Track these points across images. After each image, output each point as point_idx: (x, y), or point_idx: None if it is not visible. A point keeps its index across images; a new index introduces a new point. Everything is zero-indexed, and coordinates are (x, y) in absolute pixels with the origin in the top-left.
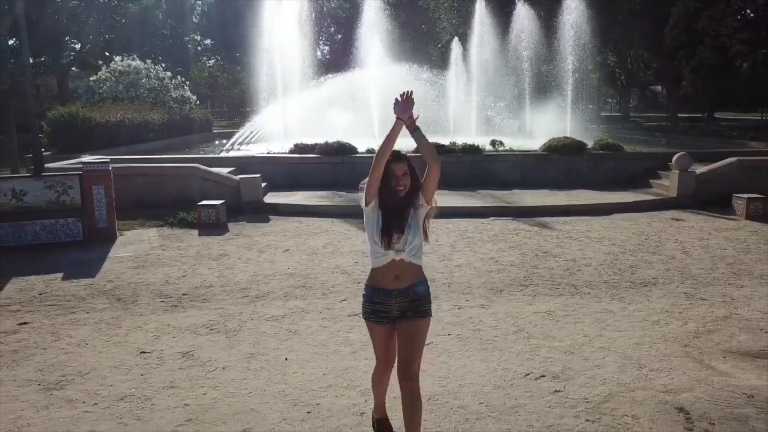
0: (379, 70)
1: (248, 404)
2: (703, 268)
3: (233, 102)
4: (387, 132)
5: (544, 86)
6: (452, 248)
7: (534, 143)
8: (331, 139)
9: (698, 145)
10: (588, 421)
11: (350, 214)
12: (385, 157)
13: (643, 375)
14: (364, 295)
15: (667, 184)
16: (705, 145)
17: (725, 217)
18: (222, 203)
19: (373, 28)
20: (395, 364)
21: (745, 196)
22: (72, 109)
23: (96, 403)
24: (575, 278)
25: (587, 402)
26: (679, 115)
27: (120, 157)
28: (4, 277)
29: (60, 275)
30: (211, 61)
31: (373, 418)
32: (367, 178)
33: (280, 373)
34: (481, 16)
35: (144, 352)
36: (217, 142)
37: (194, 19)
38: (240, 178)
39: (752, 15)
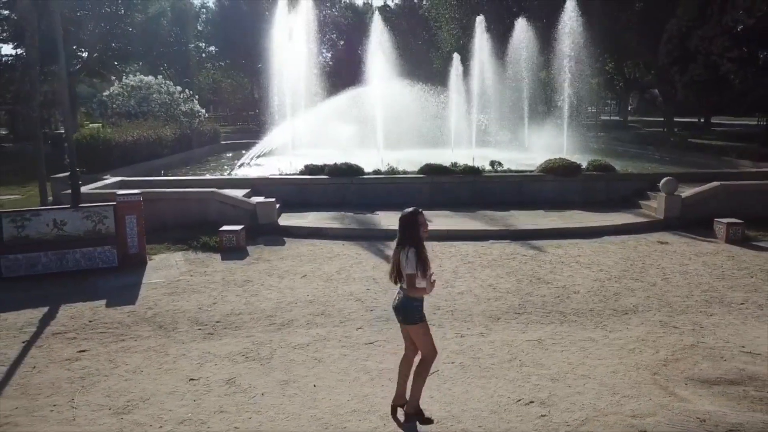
0: (382, 86)
1: (287, 427)
2: (679, 296)
3: (236, 106)
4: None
5: (542, 98)
6: (454, 274)
7: (532, 156)
8: (339, 160)
9: (688, 161)
10: None
11: (358, 236)
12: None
13: (615, 401)
14: (417, 307)
15: (655, 206)
16: (695, 160)
17: (707, 240)
18: (242, 228)
19: (376, 37)
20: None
21: (725, 221)
22: (93, 131)
23: (161, 426)
24: (564, 305)
25: (567, 425)
26: (676, 119)
27: (142, 179)
28: (53, 303)
29: (103, 302)
30: (215, 68)
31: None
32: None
33: (311, 399)
34: (481, 32)
35: (192, 379)
36: (229, 155)
37: (198, 27)
38: (257, 203)
39: (742, 34)
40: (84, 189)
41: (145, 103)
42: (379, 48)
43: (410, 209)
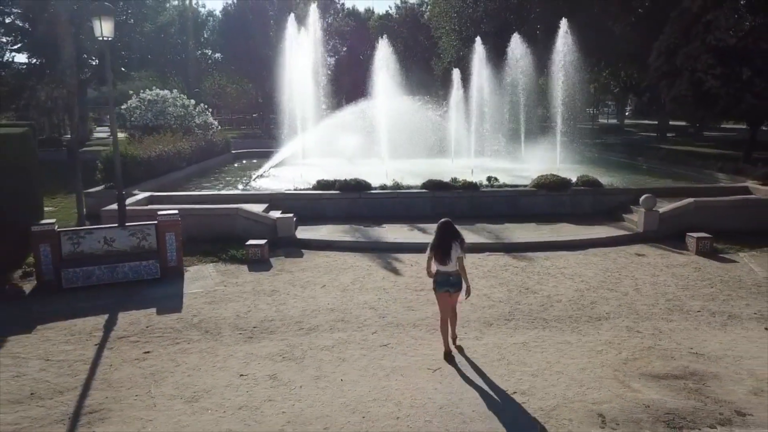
0: (386, 101)
1: (324, 412)
2: (646, 304)
3: (239, 109)
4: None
5: (537, 111)
6: None
7: (526, 167)
8: (348, 174)
9: (672, 173)
10: (542, 420)
11: (368, 249)
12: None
13: (581, 392)
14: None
15: (636, 220)
16: (679, 173)
17: (680, 252)
18: (266, 242)
19: (381, 57)
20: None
21: (696, 235)
22: (122, 149)
23: (224, 411)
24: (547, 313)
25: (542, 410)
26: (671, 122)
27: (170, 194)
28: (111, 311)
29: (154, 310)
30: (221, 74)
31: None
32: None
33: (339, 390)
34: (480, 52)
35: (242, 375)
36: (241, 164)
37: (205, 34)
38: (277, 218)
39: (725, 52)
40: (114, 206)
41: (162, 116)
42: (384, 66)
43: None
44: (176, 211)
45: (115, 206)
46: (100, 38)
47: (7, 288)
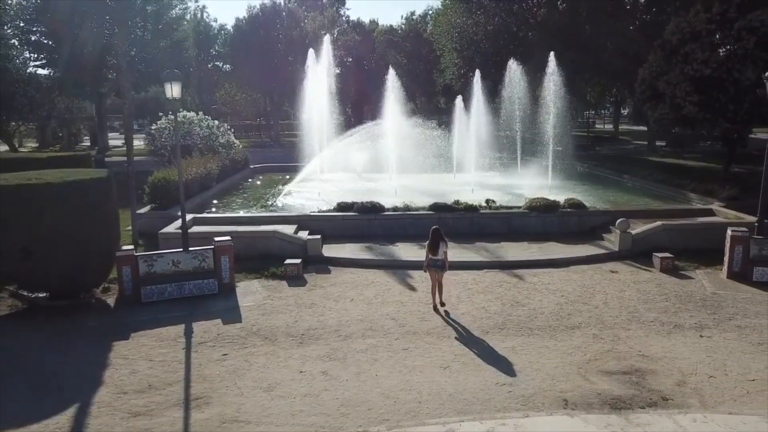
0: (393, 122)
1: (365, 398)
2: (611, 316)
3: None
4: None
5: (533, 129)
6: (458, 299)
7: (520, 184)
8: (363, 195)
9: (652, 192)
10: (521, 404)
11: (386, 266)
12: None
13: (552, 384)
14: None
15: (613, 240)
16: (657, 192)
17: (647, 269)
18: (300, 261)
19: (391, 88)
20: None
21: (660, 255)
22: (164, 174)
23: (294, 398)
24: (532, 323)
25: (522, 396)
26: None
27: (210, 216)
28: (186, 321)
29: (220, 320)
30: (232, 85)
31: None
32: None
33: (376, 382)
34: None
35: (301, 372)
36: (260, 180)
37: (216, 47)
38: (307, 239)
39: (701, 81)
40: (169, 228)
41: (189, 136)
42: (391, 95)
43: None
44: (229, 238)
45: (168, 229)
46: (171, 99)
47: (94, 301)
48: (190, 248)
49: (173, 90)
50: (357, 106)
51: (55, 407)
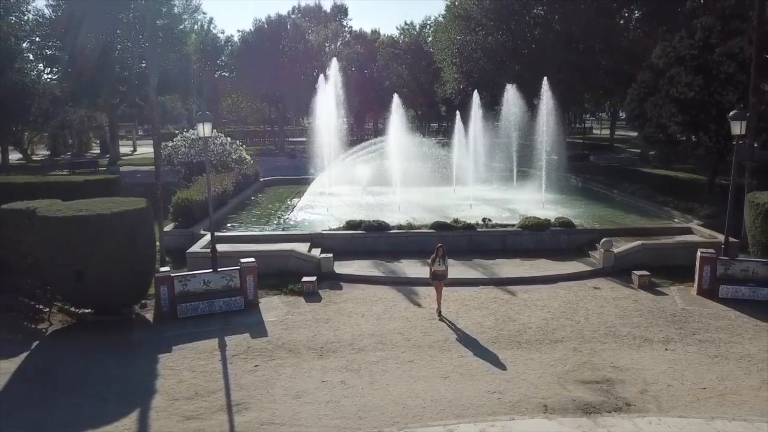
0: (397, 138)
1: (378, 404)
2: (591, 331)
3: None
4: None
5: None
6: (456, 315)
7: (513, 198)
8: (371, 213)
9: (637, 208)
10: (508, 409)
11: (392, 282)
12: None
13: (536, 392)
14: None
15: (598, 257)
16: (642, 208)
17: (626, 285)
18: (315, 279)
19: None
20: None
21: (638, 273)
22: (186, 194)
23: (319, 404)
24: (521, 337)
25: (510, 402)
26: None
27: (230, 234)
28: (219, 335)
29: (248, 335)
30: (237, 94)
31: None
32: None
33: (387, 390)
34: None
35: (323, 381)
36: (272, 192)
37: (223, 58)
38: (320, 258)
39: (685, 104)
40: (195, 248)
41: (203, 153)
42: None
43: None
44: (253, 259)
45: (195, 248)
46: (203, 137)
47: (134, 317)
48: (219, 269)
49: (205, 129)
50: (360, 115)
51: (118, 412)
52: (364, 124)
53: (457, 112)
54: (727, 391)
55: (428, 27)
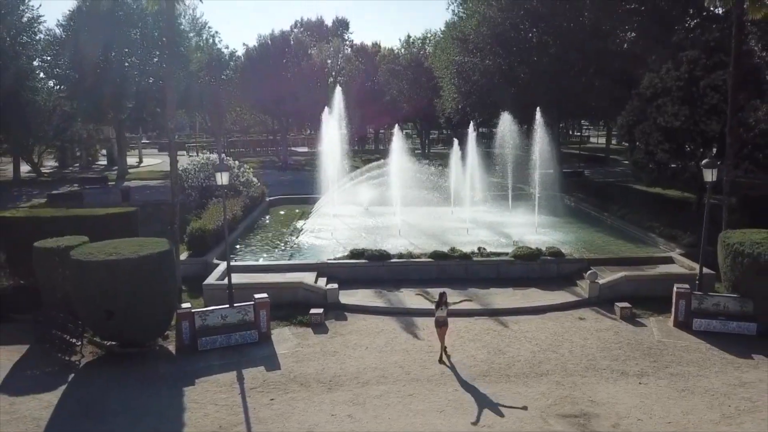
0: (397, 162)
1: None
2: (573, 363)
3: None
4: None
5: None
6: (452, 347)
7: (511, 221)
8: (374, 248)
9: (626, 234)
10: None
11: (393, 313)
12: None
13: (521, 425)
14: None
15: (584, 287)
16: (631, 232)
17: (610, 316)
18: (323, 311)
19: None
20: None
21: (620, 304)
22: (200, 224)
23: None
24: (510, 371)
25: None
26: None
27: (242, 264)
28: (236, 368)
29: (263, 368)
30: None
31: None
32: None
33: (389, 424)
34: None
35: (333, 414)
36: (279, 214)
37: (227, 73)
38: (327, 289)
39: (671, 132)
40: (211, 280)
41: (212, 177)
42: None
43: (441, 291)
44: (266, 295)
45: (210, 280)
46: (221, 185)
47: (158, 348)
48: (235, 304)
49: (223, 179)
50: (361, 126)
51: None
52: (365, 135)
53: (455, 140)
54: (689, 425)
55: (428, 41)
